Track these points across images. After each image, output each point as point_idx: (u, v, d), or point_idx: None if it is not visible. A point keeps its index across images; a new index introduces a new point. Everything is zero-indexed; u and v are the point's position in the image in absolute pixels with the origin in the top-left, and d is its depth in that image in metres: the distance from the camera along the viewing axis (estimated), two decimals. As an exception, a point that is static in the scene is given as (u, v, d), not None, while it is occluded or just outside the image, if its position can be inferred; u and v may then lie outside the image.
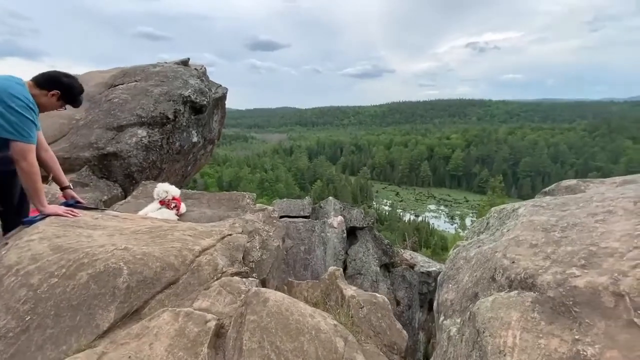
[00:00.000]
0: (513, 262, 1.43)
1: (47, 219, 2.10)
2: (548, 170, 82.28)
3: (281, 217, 7.17)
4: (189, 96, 5.61)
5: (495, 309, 1.23)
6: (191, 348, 1.35)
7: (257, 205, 3.00)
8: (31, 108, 2.01)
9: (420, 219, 57.22)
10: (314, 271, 6.24)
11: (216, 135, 7.12)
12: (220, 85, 7.28)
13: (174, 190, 3.29)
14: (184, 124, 5.51)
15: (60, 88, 2.18)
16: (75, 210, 2.15)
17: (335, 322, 1.47)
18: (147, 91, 5.62)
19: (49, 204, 2.23)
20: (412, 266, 7.24)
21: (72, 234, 1.96)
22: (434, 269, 7.02)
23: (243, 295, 1.65)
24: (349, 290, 1.86)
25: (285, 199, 8.04)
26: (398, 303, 6.73)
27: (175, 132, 5.30)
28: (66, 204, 2.42)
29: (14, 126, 1.90)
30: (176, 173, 5.70)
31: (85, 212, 2.39)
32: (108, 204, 3.96)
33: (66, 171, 4.31)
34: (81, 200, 2.59)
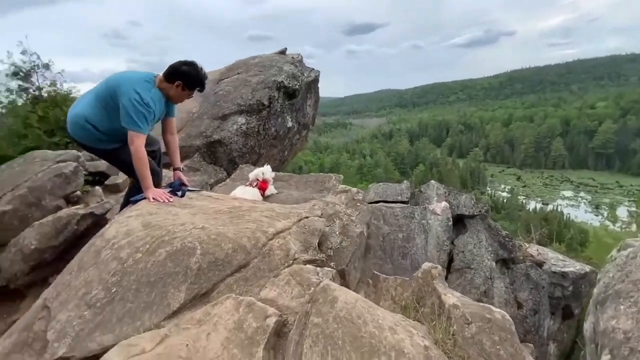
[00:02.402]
0: None
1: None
2: None
3: (377, 202, 6.76)
4: (282, 81, 5.69)
5: None
6: (247, 347, 1.16)
7: (340, 186, 2.71)
8: (146, 103, 2.19)
9: (550, 207, 47.78)
10: (413, 260, 5.66)
11: (310, 119, 7.15)
12: (313, 69, 7.22)
13: (267, 172, 3.32)
14: (279, 109, 5.64)
15: (180, 78, 2.33)
16: (164, 196, 2.27)
17: (427, 343, 1.06)
18: (246, 81, 5.95)
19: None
20: (539, 264, 5.89)
21: (163, 212, 2.05)
22: (571, 269, 5.56)
23: (312, 289, 1.38)
24: (451, 297, 1.39)
25: (381, 183, 7.56)
26: (520, 306, 5.58)
27: (271, 118, 5.47)
28: (171, 185, 2.63)
29: (128, 117, 2.16)
30: (274, 158, 5.94)
31: (188, 194, 2.53)
32: (213, 186, 4.34)
33: (182, 158, 4.90)
34: (186, 182, 2.76)
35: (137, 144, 2.20)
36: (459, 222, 6.79)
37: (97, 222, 2.95)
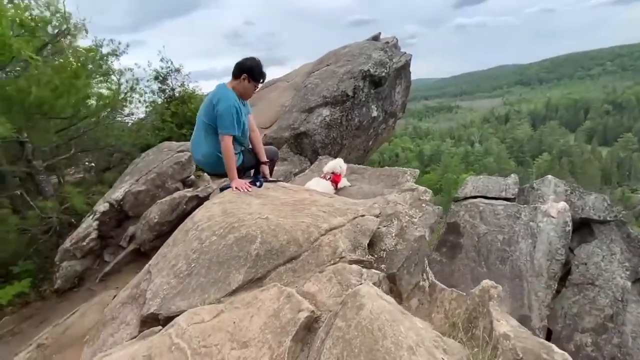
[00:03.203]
0: None
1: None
2: None
3: (474, 197, 6.10)
4: (368, 70, 5.59)
5: None
6: (279, 334, 1.27)
7: (407, 184, 2.57)
8: (232, 105, 2.53)
9: None
10: (514, 267, 5.00)
11: (399, 107, 6.84)
12: (405, 53, 6.84)
13: (339, 166, 3.40)
14: (363, 99, 5.59)
15: (245, 71, 2.62)
16: (245, 186, 2.55)
17: (449, 372, 0.97)
18: (334, 73, 6.07)
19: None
20: None
21: (239, 201, 2.35)
22: None
23: (350, 290, 1.41)
24: (504, 325, 1.21)
25: (481, 176, 6.79)
26: (666, 343, 4.35)
27: (355, 108, 5.47)
28: (255, 177, 2.94)
29: (222, 123, 2.54)
30: (357, 148, 5.96)
31: (267, 185, 2.81)
32: (297, 175, 4.66)
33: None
34: (267, 176, 3.01)
35: (227, 142, 2.54)
36: (585, 228, 5.67)
37: (200, 203, 3.56)
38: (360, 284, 1.48)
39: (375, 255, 1.81)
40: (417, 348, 1.02)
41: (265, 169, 2.97)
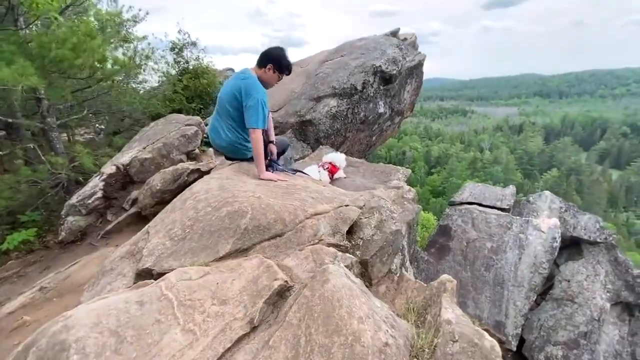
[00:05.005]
0: None
1: (232, 166, 2.82)
2: None
3: (470, 203, 6.24)
4: (380, 66, 5.64)
5: None
6: (254, 297, 1.46)
7: (394, 181, 2.71)
8: (265, 102, 2.57)
9: None
10: (497, 275, 5.21)
11: (407, 106, 6.89)
12: (419, 53, 6.85)
13: (339, 159, 3.54)
14: (371, 94, 5.66)
15: (272, 61, 2.65)
16: (278, 176, 2.65)
17: (391, 342, 1.14)
18: (346, 64, 6.13)
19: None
20: (677, 322, 4.59)
21: (236, 179, 2.52)
22: None
23: (321, 267, 1.58)
24: (449, 313, 1.38)
25: (480, 184, 6.92)
26: (635, 365, 4.55)
27: (362, 102, 5.56)
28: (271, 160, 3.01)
29: (254, 117, 2.55)
30: (360, 142, 6.07)
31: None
32: (296, 161, 4.82)
33: (279, 133, 5.52)
34: (274, 154, 3.05)
35: (258, 135, 2.57)
36: (575, 246, 5.83)
37: (201, 176, 3.74)
38: (333, 264, 1.65)
39: (353, 242, 1.98)
40: (366, 319, 1.20)
41: (273, 147, 3.02)
